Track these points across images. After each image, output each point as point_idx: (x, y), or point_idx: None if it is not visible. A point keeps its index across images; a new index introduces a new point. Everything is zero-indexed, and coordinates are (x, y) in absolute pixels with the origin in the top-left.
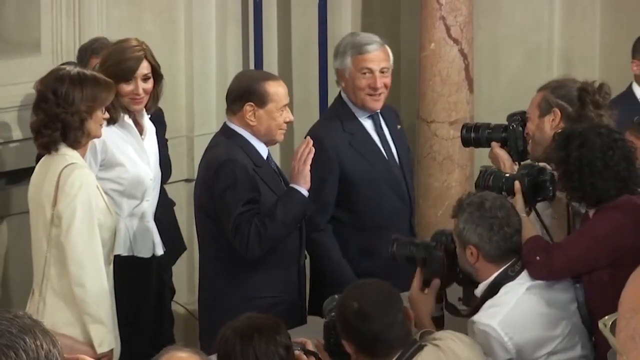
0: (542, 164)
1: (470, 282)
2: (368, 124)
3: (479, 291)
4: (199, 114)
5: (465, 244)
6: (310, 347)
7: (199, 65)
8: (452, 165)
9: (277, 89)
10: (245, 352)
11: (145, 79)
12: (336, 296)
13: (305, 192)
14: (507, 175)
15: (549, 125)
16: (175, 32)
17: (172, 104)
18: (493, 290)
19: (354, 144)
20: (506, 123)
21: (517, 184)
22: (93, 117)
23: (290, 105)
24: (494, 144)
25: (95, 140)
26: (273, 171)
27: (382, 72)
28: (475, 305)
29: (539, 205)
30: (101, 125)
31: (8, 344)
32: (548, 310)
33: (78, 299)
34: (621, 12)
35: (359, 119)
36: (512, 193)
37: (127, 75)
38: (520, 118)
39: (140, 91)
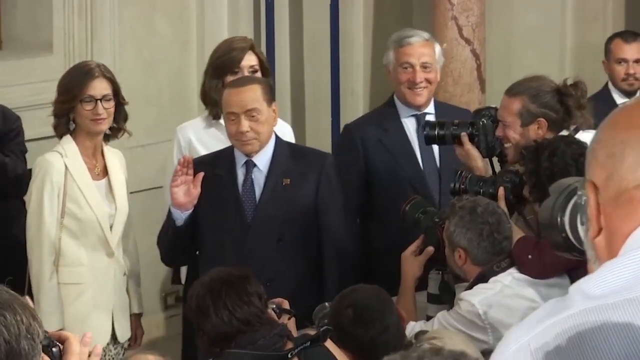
0: (518, 168)
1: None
2: (410, 124)
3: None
4: None
5: (454, 247)
6: (286, 306)
7: None
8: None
9: (226, 96)
10: (217, 305)
11: (252, 71)
12: (326, 304)
13: (171, 208)
14: (484, 179)
15: (535, 134)
16: (187, 32)
17: (184, 105)
18: (478, 282)
19: (385, 141)
20: (470, 120)
21: (501, 190)
22: None
23: (301, 105)
24: (464, 139)
25: (183, 139)
26: (231, 183)
27: (424, 66)
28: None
29: None
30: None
31: None
32: (533, 301)
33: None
34: (632, 13)
35: (402, 118)
36: (490, 197)
37: (233, 65)
38: (489, 113)
39: None
